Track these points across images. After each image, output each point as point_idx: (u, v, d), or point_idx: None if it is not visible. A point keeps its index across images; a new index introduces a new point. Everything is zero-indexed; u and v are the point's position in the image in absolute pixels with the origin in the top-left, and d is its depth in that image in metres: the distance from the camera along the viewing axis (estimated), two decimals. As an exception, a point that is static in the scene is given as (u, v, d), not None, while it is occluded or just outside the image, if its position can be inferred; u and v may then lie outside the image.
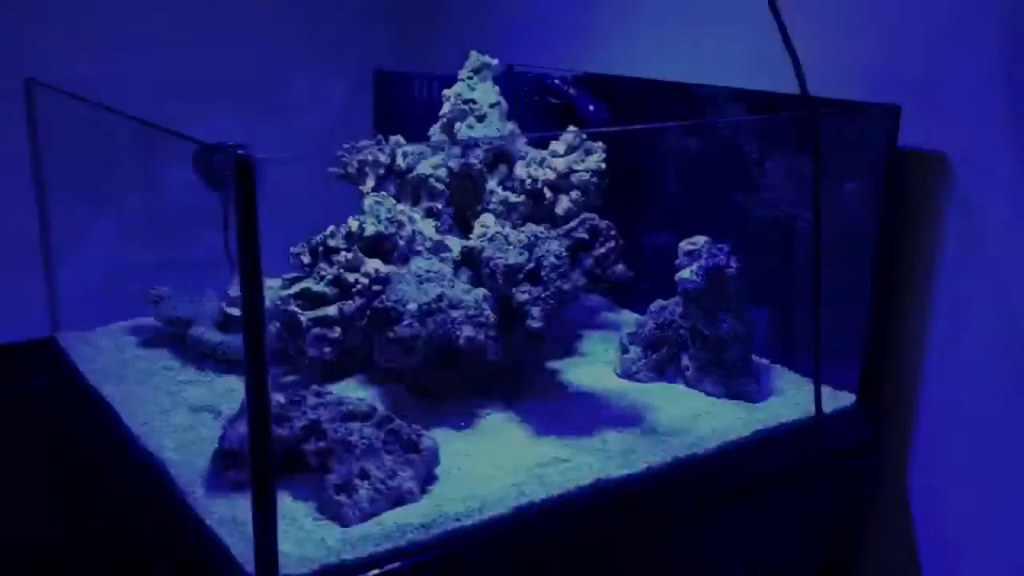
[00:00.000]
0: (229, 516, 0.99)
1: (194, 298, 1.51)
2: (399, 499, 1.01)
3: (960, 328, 1.23)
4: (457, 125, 1.47)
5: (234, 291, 1.43)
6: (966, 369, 1.24)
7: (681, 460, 1.14)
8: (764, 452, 1.21)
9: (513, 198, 1.47)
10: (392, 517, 0.99)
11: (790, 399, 1.30)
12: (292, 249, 1.48)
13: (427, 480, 1.06)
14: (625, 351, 1.35)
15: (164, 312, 1.45)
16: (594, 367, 1.39)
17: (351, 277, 1.33)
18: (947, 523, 1.28)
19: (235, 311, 1.45)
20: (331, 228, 1.46)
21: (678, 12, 1.56)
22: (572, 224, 1.21)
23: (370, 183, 1.53)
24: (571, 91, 1.61)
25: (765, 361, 1.40)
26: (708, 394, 1.29)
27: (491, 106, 1.49)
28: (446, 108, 1.49)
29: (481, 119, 1.48)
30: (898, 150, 1.23)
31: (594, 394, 1.30)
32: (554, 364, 1.40)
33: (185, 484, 1.05)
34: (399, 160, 1.54)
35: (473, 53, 1.51)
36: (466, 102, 1.48)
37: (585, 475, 1.08)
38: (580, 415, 1.24)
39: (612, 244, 1.18)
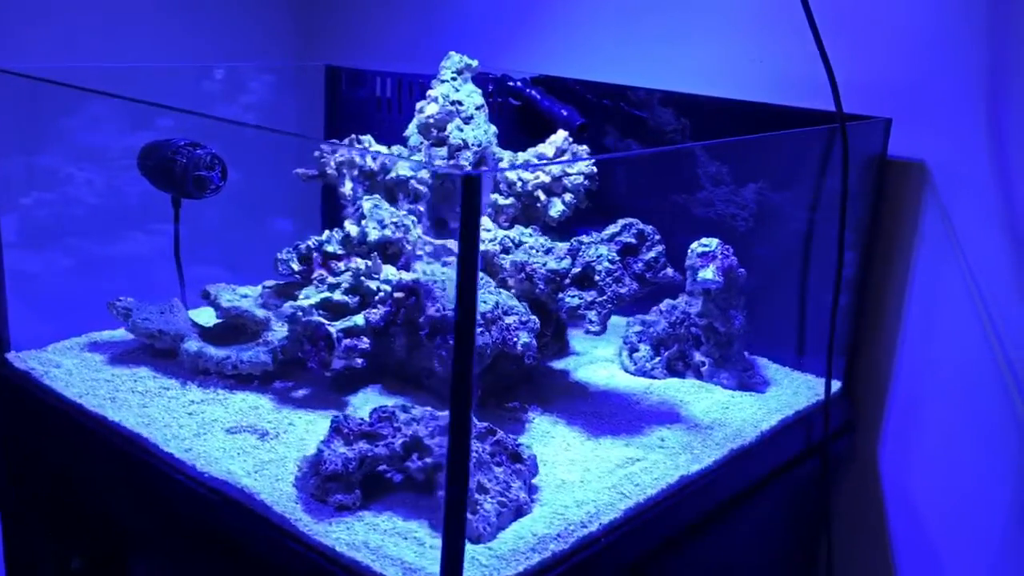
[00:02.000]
0: (359, 541, 0.95)
1: (163, 308, 1.40)
2: (519, 510, 1.01)
3: (933, 323, 1.38)
4: (448, 127, 1.45)
5: (226, 301, 1.34)
6: (937, 360, 1.38)
7: (734, 451, 1.21)
8: (787, 437, 1.30)
9: (502, 200, 1.48)
10: (523, 529, 0.98)
11: (788, 388, 1.40)
12: (279, 255, 1.40)
13: (530, 489, 1.06)
14: (635, 349, 1.40)
15: (141, 326, 1.34)
16: (599, 365, 1.43)
17: (373, 285, 1.29)
18: (914, 492, 1.43)
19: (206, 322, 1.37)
20: (326, 233, 1.40)
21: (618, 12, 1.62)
22: (616, 229, 1.24)
23: (348, 184, 1.48)
24: (533, 93, 1.63)
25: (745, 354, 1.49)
26: (724, 387, 1.36)
27: (476, 108, 1.48)
28: (433, 109, 1.46)
29: (468, 121, 1.47)
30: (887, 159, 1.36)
31: (618, 392, 1.34)
32: (557, 364, 1.43)
33: (284, 511, 0.99)
34: (369, 161, 1.50)
35: (453, 54, 1.49)
36: (453, 104, 1.46)
37: (666, 473, 1.12)
38: (619, 414, 1.27)
39: (660, 248, 1.22)
